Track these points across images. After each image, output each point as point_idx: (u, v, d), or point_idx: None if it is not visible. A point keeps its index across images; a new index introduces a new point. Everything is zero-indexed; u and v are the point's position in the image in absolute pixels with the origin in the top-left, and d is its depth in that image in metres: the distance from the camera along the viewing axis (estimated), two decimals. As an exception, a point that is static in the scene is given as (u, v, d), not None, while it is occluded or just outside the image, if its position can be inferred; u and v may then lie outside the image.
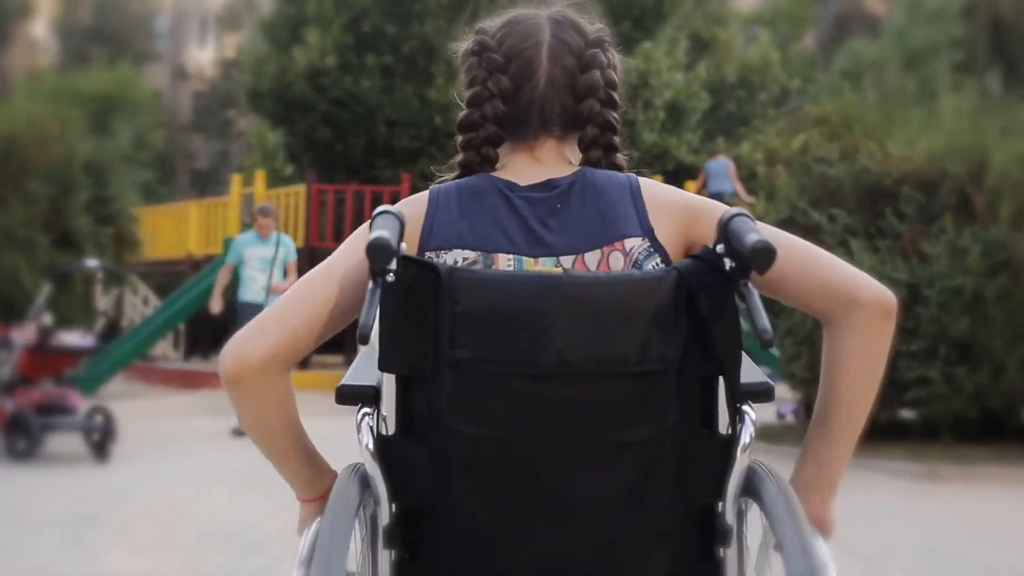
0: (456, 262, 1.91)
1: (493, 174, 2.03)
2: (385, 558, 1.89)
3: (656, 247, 1.94)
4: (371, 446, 1.84)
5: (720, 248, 1.78)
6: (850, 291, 1.89)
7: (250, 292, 11.96)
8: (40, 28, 43.22)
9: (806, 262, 1.92)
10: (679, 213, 1.99)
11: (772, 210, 11.96)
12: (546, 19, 2.08)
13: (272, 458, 2.04)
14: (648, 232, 1.94)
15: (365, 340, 1.66)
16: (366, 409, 1.91)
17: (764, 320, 1.68)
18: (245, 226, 19.76)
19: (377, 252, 1.70)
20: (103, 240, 16.21)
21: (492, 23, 2.11)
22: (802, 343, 10.86)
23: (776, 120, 27.48)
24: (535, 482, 1.80)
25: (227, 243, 18.95)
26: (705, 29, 27.00)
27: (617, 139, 2.09)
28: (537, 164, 2.04)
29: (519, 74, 2.03)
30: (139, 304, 23.94)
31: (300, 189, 19.10)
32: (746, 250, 1.70)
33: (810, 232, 11.19)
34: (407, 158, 19.94)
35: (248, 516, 7.51)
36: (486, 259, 1.93)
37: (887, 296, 1.89)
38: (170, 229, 22.50)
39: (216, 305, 12.37)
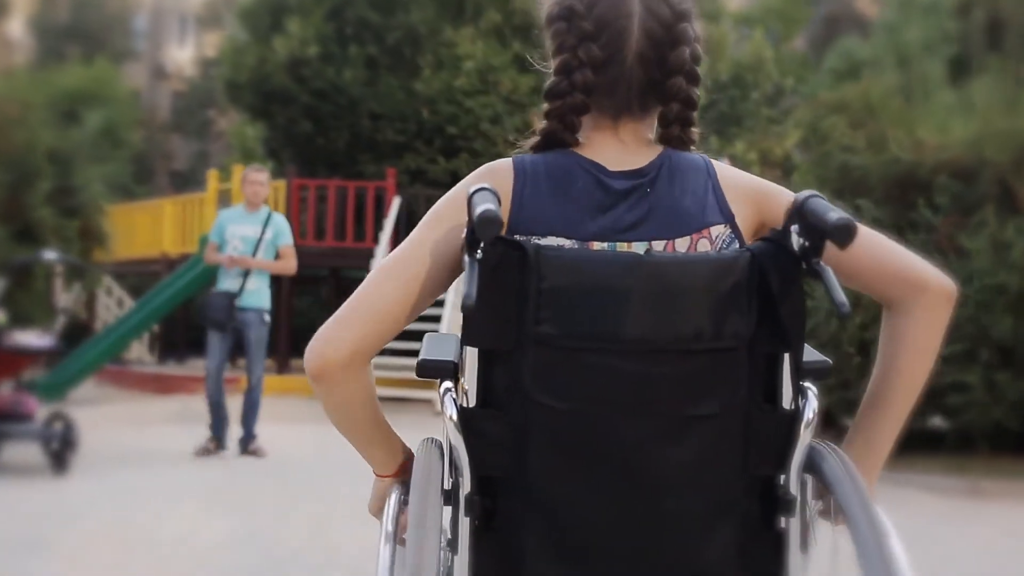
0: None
1: (579, 152, 2.02)
2: (466, 526, 1.90)
3: (736, 233, 1.99)
4: (455, 417, 1.87)
5: (794, 228, 1.82)
6: (919, 275, 1.97)
7: (225, 279, 10.06)
8: (16, 26, 42.21)
9: (874, 247, 2.01)
10: (752, 197, 2.03)
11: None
12: None
13: (353, 443, 2.09)
14: (729, 219, 1.99)
15: (470, 309, 1.71)
16: (447, 383, 1.95)
17: (841, 294, 1.72)
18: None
19: (487, 225, 1.71)
20: (68, 233, 15.25)
21: None
22: (825, 345, 9.93)
23: (771, 119, 27.56)
24: (610, 453, 1.84)
25: (203, 241, 18.45)
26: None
27: (695, 114, 2.08)
28: (621, 145, 2.03)
29: (609, 44, 1.99)
30: (113, 305, 23.26)
31: (280, 184, 18.15)
32: (829, 226, 1.73)
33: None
34: (392, 153, 19.25)
35: (216, 539, 6.66)
36: (581, 247, 1.94)
37: (950, 282, 1.98)
38: (144, 227, 21.65)
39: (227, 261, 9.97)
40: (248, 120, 21.92)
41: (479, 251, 1.78)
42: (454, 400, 1.91)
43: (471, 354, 1.95)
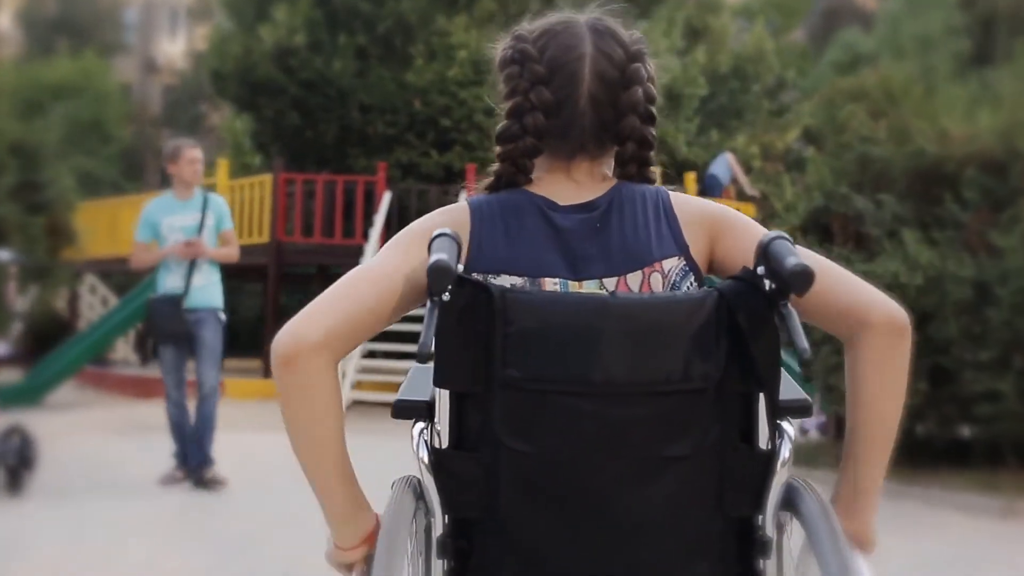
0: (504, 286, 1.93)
1: (532, 190, 2.05)
2: (438, 568, 1.94)
3: (691, 265, 2.00)
4: (427, 459, 1.90)
5: (760, 270, 1.82)
6: (862, 312, 1.93)
7: (168, 280, 8.47)
8: (4, 19, 41.98)
9: (827, 283, 1.93)
10: (707, 225, 2.03)
11: (804, 197, 10.32)
12: (586, 27, 2.06)
13: (317, 477, 1.95)
14: (683, 250, 2.00)
15: (425, 359, 1.74)
16: (421, 424, 1.96)
17: (803, 340, 1.72)
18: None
19: (438, 275, 1.75)
20: (33, 231, 14.44)
21: (530, 28, 2.09)
22: (842, 352, 9.18)
23: (772, 112, 26.95)
24: (582, 495, 1.84)
25: None
26: (698, 17, 25.52)
27: (652, 153, 2.09)
28: (572, 183, 2.05)
29: (561, 87, 2.02)
30: (97, 304, 22.70)
31: (266, 179, 17.48)
32: (786, 273, 1.74)
33: (851, 222, 9.59)
34: (383, 146, 18.53)
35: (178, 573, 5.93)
36: (533, 283, 1.97)
37: (899, 315, 1.93)
38: (127, 224, 20.70)
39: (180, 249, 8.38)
40: (235, 113, 21.10)
41: (446, 293, 1.78)
42: (426, 442, 1.94)
43: (443, 395, 1.98)
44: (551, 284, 1.98)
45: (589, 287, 1.98)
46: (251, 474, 9.09)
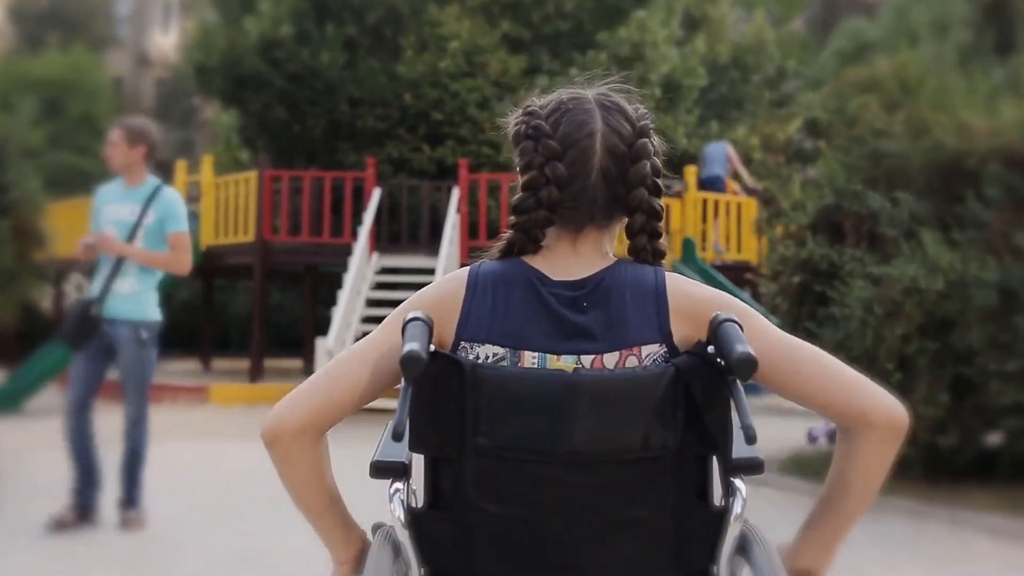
0: (487, 356, 2.03)
1: (529, 262, 2.12)
2: None
3: (671, 352, 2.04)
4: (403, 518, 2.01)
5: (711, 349, 1.94)
6: (865, 411, 1.97)
7: (95, 281, 7.18)
8: (-4, 12, 41.30)
9: (815, 372, 2.01)
10: (699, 313, 2.05)
11: (813, 194, 9.66)
12: (595, 104, 2.13)
13: (306, 515, 2.15)
14: (666, 337, 2.04)
15: (399, 438, 1.84)
16: (398, 484, 2.05)
17: (749, 418, 1.82)
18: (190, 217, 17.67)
19: (410, 365, 1.84)
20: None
21: (541, 103, 2.17)
22: (858, 359, 8.53)
23: (773, 103, 26.34)
24: (549, 555, 1.96)
25: None
26: (696, 6, 24.91)
27: (660, 224, 2.16)
28: (575, 256, 2.12)
29: (574, 162, 2.09)
30: (86, 304, 21.64)
31: (251, 175, 16.81)
32: (731, 360, 1.85)
33: (864, 221, 8.93)
34: (373, 141, 17.90)
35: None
36: (513, 356, 2.03)
37: (900, 415, 1.98)
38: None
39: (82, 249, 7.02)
40: (222, 107, 20.43)
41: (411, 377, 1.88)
42: (402, 502, 2.03)
43: (419, 458, 2.10)
44: (530, 357, 2.04)
45: (567, 362, 2.03)
46: (228, 486, 8.61)
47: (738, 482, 2.02)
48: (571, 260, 2.13)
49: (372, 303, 14.92)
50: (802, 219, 9.55)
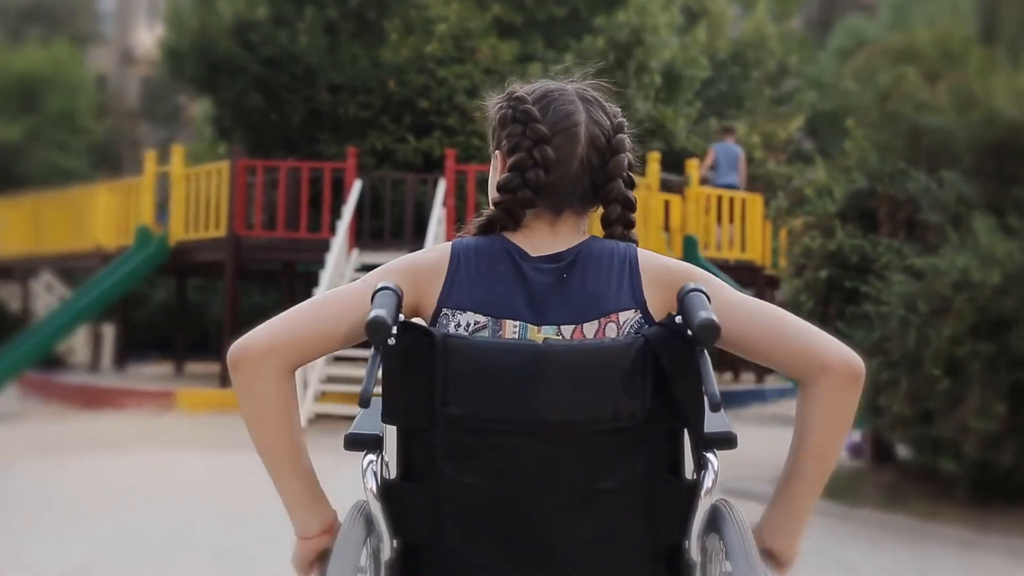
0: (469, 324, 2.07)
1: (510, 238, 2.16)
2: None
3: (647, 318, 2.08)
4: (375, 489, 1.99)
5: (679, 319, 1.96)
6: (820, 358, 2.00)
7: None
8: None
9: (773, 329, 2.05)
10: (669, 283, 2.09)
11: (841, 179, 8.49)
12: (576, 97, 2.20)
13: (271, 466, 2.10)
14: (640, 304, 2.08)
15: (366, 404, 1.88)
16: (371, 456, 2.05)
17: (713, 386, 1.84)
18: (161, 210, 16.68)
19: (374, 330, 1.88)
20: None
21: (527, 90, 2.22)
22: (898, 364, 7.37)
23: (774, 100, 25.49)
24: (517, 525, 1.96)
25: (141, 233, 16.50)
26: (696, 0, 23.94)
27: (634, 215, 2.23)
28: (553, 237, 2.17)
29: (560, 148, 2.14)
30: (55, 304, 20.71)
31: (223, 166, 15.72)
32: (694, 327, 1.88)
33: (902, 206, 7.77)
34: (355, 131, 16.84)
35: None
36: (495, 324, 2.06)
37: (855, 361, 2.02)
38: (76, 217, 19.04)
39: None
40: (195, 94, 19.32)
41: (391, 338, 1.91)
42: (375, 473, 2.02)
43: (391, 430, 2.08)
44: (512, 326, 2.07)
45: (547, 332, 2.06)
46: (183, 501, 7.98)
47: (710, 456, 2.00)
48: (549, 240, 2.17)
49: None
50: (829, 206, 8.38)
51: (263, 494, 2.53)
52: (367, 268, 14.30)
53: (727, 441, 2.02)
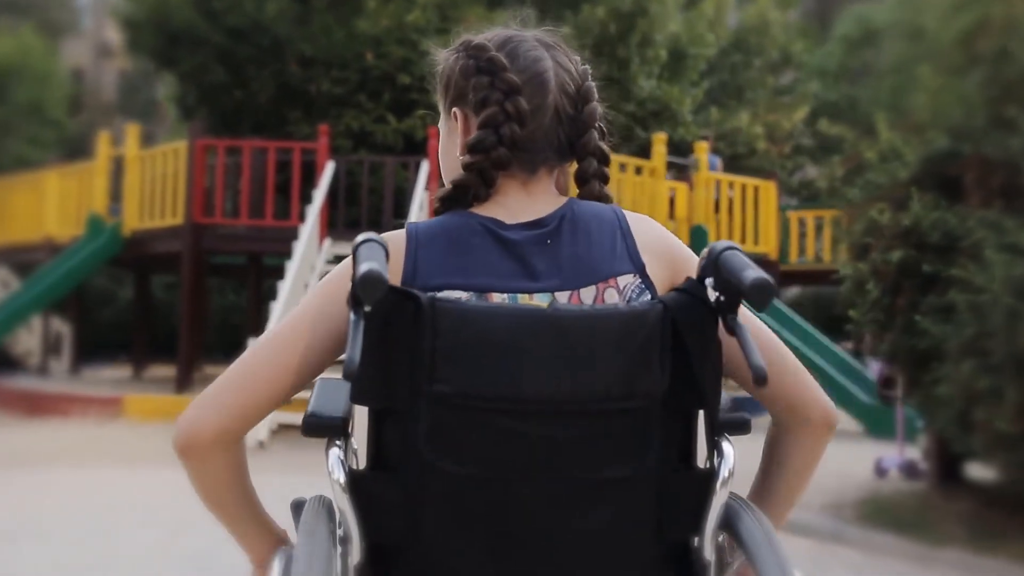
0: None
1: (475, 211, 1.94)
2: None
3: (647, 283, 1.90)
4: (342, 480, 1.75)
5: (709, 281, 1.76)
6: (800, 408, 1.91)
7: None
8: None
9: (771, 362, 1.81)
10: (664, 253, 1.95)
11: (913, 143, 6.82)
12: (538, 43, 1.99)
13: (222, 522, 1.98)
14: (639, 268, 1.90)
15: (351, 376, 1.60)
16: (336, 442, 1.81)
17: (758, 357, 1.64)
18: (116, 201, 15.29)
19: (370, 285, 1.60)
20: None
21: (487, 38, 2.00)
22: (999, 370, 5.71)
23: (777, 90, 24.31)
24: (513, 521, 1.76)
25: (93, 222, 15.02)
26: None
27: (608, 170, 2.05)
28: (527, 198, 1.97)
29: (531, 98, 1.94)
30: (6, 301, 19.31)
31: (181, 146, 14.35)
32: (744, 286, 1.66)
33: (995, 170, 6.16)
34: (329, 109, 15.39)
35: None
36: (479, 299, 1.83)
37: (832, 413, 1.93)
38: (25, 205, 17.76)
39: None
40: (153, 69, 17.91)
41: (367, 306, 1.64)
42: (342, 462, 1.77)
43: (361, 411, 1.87)
44: (499, 299, 1.83)
45: (540, 300, 1.84)
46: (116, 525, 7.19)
47: (725, 443, 1.81)
48: (524, 203, 1.94)
49: (322, 298, 12.09)
50: (900, 172, 6.69)
51: (194, 529, 2.55)
52: (340, 260, 12.94)
53: (740, 425, 1.83)
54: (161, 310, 20.25)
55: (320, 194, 13.04)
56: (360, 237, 1.71)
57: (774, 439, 1.98)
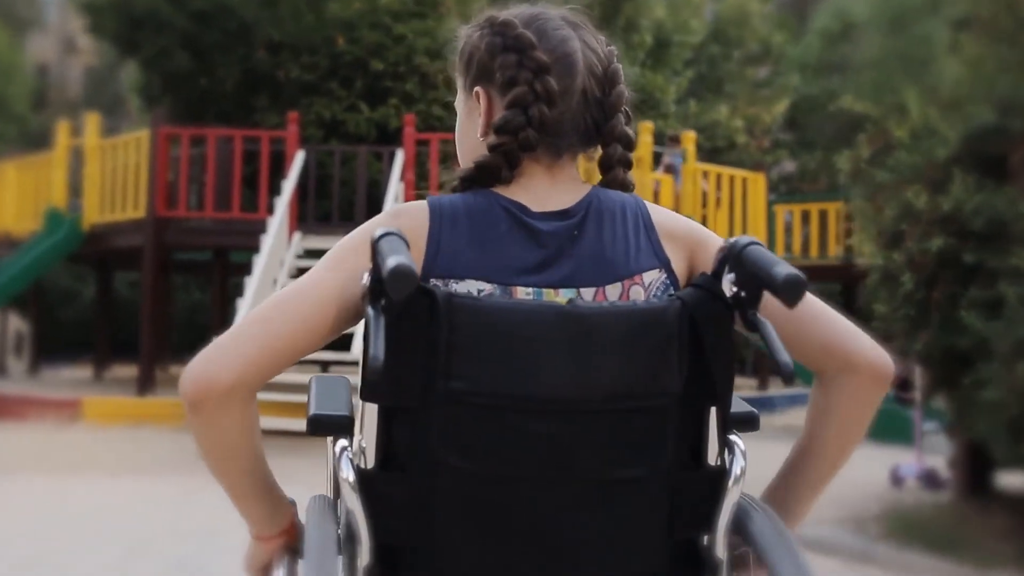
0: (469, 294, 1.77)
1: (501, 193, 1.86)
2: None
3: (672, 279, 1.86)
4: (351, 480, 1.68)
5: (729, 277, 1.71)
6: (848, 354, 1.81)
7: None
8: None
9: (804, 313, 1.79)
10: (685, 241, 1.90)
11: (951, 118, 6.09)
12: (564, 22, 1.90)
13: (229, 491, 1.85)
14: (664, 263, 1.86)
15: (377, 374, 1.52)
16: (343, 441, 1.75)
17: (783, 353, 1.61)
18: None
19: (399, 279, 1.52)
20: None
21: (509, 14, 1.91)
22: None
23: (758, 83, 23.88)
24: (526, 521, 1.71)
25: (51, 216, 14.27)
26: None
27: (632, 156, 1.98)
28: (551, 183, 1.89)
29: (561, 79, 1.85)
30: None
31: (143, 135, 13.63)
32: (777, 282, 1.59)
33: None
34: (299, 97, 14.61)
35: None
36: (504, 291, 1.78)
37: (885, 363, 1.82)
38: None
39: None
40: (115, 56, 17.18)
41: (384, 301, 1.58)
42: (351, 461, 1.70)
43: (370, 410, 1.78)
44: (524, 292, 1.78)
45: (566, 296, 1.79)
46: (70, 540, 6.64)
47: (736, 439, 1.77)
48: (548, 190, 1.87)
49: (293, 294, 11.37)
50: (938, 151, 5.95)
51: (152, 549, 2.47)
52: (311, 254, 12.58)
53: (749, 421, 1.80)
54: (125, 308, 19.53)
55: (290, 185, 12.37)
56: (380, 230, 1.63)
57: (814, 395, 1.89)
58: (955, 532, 6.34)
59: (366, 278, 1.62)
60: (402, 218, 1.81)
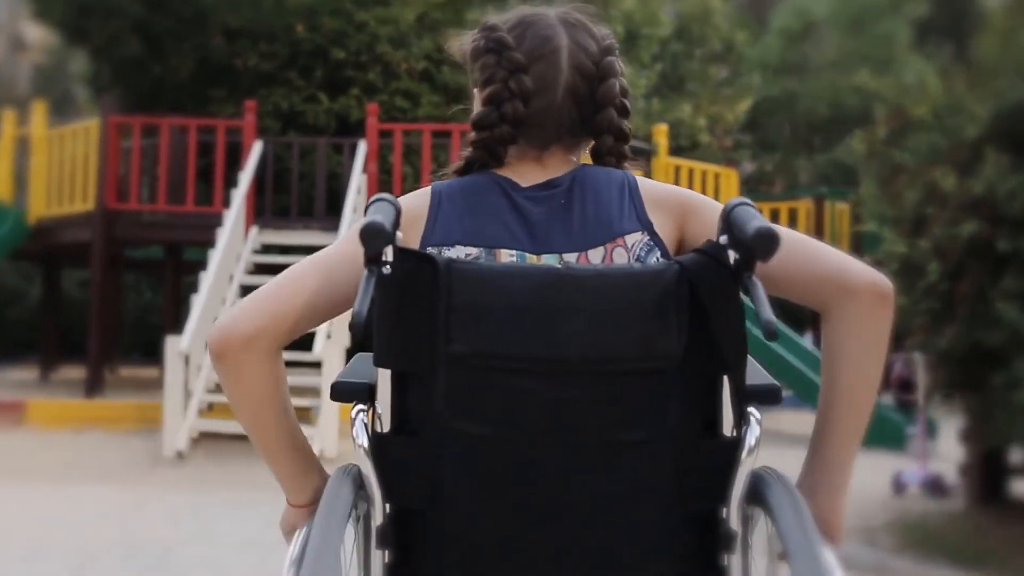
0: (459, 258, 1.86)
1: (496, 171, 1.99)
2: (378, 559, 1.83)
3: (656, 241, 1.91)
4: (365, 444, 1.78)
5: (724, 240, 1.72)
6: (844, 279, 1.81)
7: None
8: None
9: (798, 251, 1.84)
10: (673, 206, 1.95)
11: (976, 92, 5.57)
12: (558, 21, 2.01)
13: (259, 447, 1.95)
14: (647, 226, 1.91)
15: (358, 329, 1.58)
16: (361, 406, 1.85)
17: (768, 312, 1.60)
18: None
19: (370, 237, 1.64)
20: None
21: (502, 19, 2.03)
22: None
23: (721, 82, 23.60)
24: (530, 482, 1.74)
25: None
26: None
27: (627, 147, 2.05)
28: (542, 170, 1.99)
29: (540, 78, 1.97)
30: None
31: (92, 125, 12.96)
32: (748, 237, 1.62)
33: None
34: (256, 86, 14.04)
35: None
36: (488, 255, 1.88)
37: (882, 282, 1.81)
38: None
39: None
40: (64, 50, 16.53)
41: (386, 266, 1.69)
42: (365, 425, 1.81)
43: (384, 376, 1.87)
44: (507, 256, 1.88)
45: (548, 261, 1.88)
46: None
47: (752, 410, 1.76)
48: (538, 173, 1.97)
49: (249, 291, 10.69)
50: (966, 130, 5.41)
51: (98, 565, 2.31)
52: (268, 249, 12.06)
53: (770, 394, 1.77)
54: (74, 308, 18.78)
55: (247, 177, 11.75)
56: (374, 197, 1.74)
57: (824, 333, 1.84)
58: (977, 544, 5.86)
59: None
60: (408, 199, 1.91)
